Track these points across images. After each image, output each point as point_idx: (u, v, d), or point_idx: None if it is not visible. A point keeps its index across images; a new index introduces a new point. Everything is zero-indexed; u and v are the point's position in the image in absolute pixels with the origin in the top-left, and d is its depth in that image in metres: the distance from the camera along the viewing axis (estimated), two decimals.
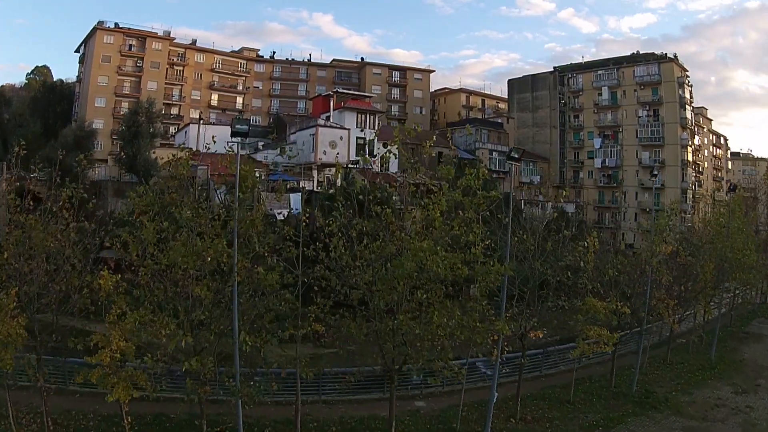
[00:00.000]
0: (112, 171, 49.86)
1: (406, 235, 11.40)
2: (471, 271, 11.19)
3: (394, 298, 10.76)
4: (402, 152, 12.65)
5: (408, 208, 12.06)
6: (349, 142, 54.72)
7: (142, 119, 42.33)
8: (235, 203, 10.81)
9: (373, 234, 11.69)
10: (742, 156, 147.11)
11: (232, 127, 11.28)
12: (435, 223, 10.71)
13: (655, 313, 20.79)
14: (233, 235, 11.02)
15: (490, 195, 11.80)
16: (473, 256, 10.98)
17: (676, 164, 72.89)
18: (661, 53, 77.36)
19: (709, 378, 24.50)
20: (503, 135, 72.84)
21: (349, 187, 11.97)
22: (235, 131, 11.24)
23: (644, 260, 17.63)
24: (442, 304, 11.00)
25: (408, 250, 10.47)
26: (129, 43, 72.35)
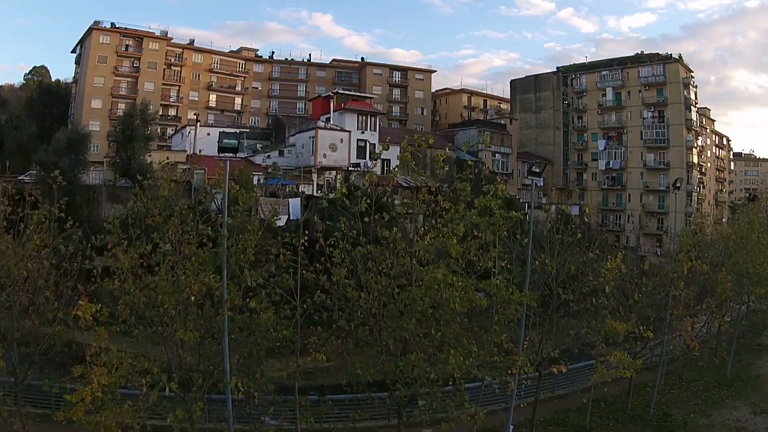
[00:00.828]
0: (107, 174, 48.67)
1: (417, 261, 10.21)
2: (490, 302, 10.05)
3: (404, 336, 9.62)
4: (412, 167, 11.46)
5: (418, 229, 10.83)
6: (350, 144, 53.56)
7: (136, 122, 41.11)
8: (224, 230, 9.54)
9: (379, 260, 10.51)
10: (744, 157, 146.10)
11: (219, 142, 9.91)
12: (451, 251, 9.55)
13: (676, 333, 19.65)
14: (222, 265, 9.73)
15: (510, 215, 10.64)
16: (494, 287, 9.82)
17: (682, 166, 71.69)
18: (666, 53, 76.23)
19: (726, 397, 23.46)
20: (506, 137, 71.69)
21: (353, 208, 10.68)
22: (223, 146, 9.92)
23: (669, 281, 16.47)
24: (458, 341, 9.86)
25: (420, 281, 9.33)
26: (125, 43, 71.11)
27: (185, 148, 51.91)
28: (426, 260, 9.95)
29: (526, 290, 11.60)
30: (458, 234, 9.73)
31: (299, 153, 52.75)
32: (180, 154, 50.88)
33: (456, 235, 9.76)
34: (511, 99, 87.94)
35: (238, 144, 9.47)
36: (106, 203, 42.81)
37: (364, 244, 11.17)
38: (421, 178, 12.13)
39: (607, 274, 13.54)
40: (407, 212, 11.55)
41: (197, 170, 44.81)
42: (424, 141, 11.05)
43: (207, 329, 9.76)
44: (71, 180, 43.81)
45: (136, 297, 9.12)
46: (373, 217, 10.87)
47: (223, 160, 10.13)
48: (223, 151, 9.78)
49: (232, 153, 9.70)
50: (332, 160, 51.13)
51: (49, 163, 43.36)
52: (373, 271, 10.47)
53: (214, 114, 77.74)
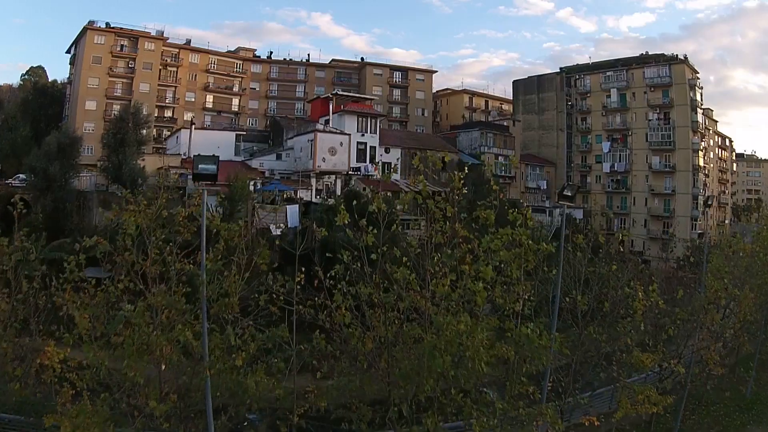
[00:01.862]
0: (100, 178, 47.12)
1: (434, 305, 8.72)
2: (518, 351, 8.61)
3: (420, 399, 8.19)
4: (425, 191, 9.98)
5: (435, 264, 9.25)
6: (350, 147, 52.05)
7: (128, 125, 39.57)
8: (202, 275, 8.04)
9: (388, 305, 9.01)
10: (747, 158, 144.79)
11: (194, 167, 8.19)
12: (477, 299, 8.11)
13: (701, 359, 18.22)
14: (202, 318, 8.18)
15: (540, 247, 9.19)
16: (523, 338, 8.37)
17: (688, 169, 70.30)
18: (672, 54, 74.85)
19: (747, 422, 22.32)
20: (509, 139, 70.22)
21: (357, 241, 9.19)
22: (199, 173, 8.19)
23: (703, 309, 15.02)
24: (481, 399, 8.41)
25: (437, 330, 7.88)
26: (120, 43, 69.52)
27: (180, 152, 50.37)
28: (445, 306, 8.49)
29: (553, 333, 10.16)
30: (485, 278, 8.27)
31: (297, 157, 51.21)
32: (175, 158, 49.44)
33: (482, 279, 8.30)
34: (514, 100, 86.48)
35: (216, 169, 7.93)
36: (97, 209, 41.30)
37: (370, 279, 9.67)
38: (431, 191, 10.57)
39: (637, 307, 12.13)
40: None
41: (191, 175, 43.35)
42: (439, 159, 9.55)
43: (185, 392, 8.24)
44: (62, 185, 42.45)
45: (98, 360, 7.57)
46: (381, 249, 9.38)
47: (202, 188, 8.53)
48: (199, 178, 8.15)
49: (209, 180, 8.09)
50: (331, 164, 49.60)
51: (39, 168, 41.96)
52: (380, 312, 9.01)
53: (211, 115, 76.21)
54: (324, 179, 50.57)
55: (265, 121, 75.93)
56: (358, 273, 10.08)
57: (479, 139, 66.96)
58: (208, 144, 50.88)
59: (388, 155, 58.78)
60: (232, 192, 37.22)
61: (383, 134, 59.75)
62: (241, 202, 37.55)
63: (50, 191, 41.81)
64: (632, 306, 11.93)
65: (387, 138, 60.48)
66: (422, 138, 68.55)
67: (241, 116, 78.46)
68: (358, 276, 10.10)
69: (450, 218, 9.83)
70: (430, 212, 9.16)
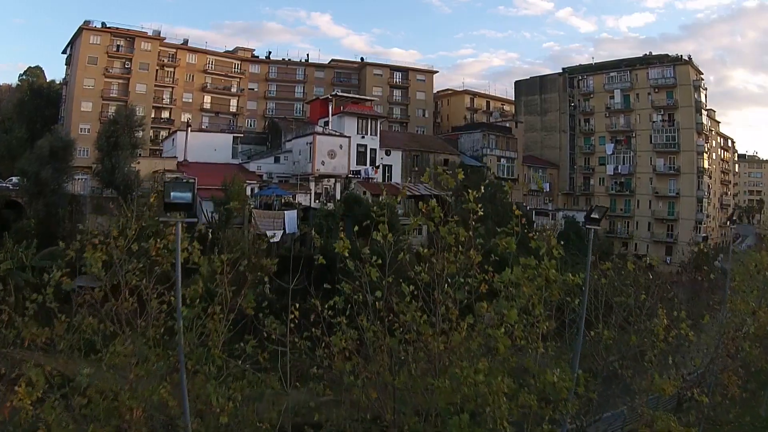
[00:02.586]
0: (94, 182, 46.02)
1: (448, 350, 7.61)
2: (542, 405, 7.54)
3: None
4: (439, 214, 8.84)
5: (447, 298, 8.12)
6: (350, 150, 50.95)
7: (122, 128, 38.47)
8: (178, 322, 6.91)
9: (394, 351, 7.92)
10: (748, 158, 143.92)
11: (166, 195, 6.80)
12: (499, 347, 7.04)
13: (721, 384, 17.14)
14: (180, 376, 6.97)
15: (566, 279, 8.08)
16: (549, 386, 7.30)
17: (692, 172, 69.25)
18: (676, 55, 73.74)
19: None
20: (512, 140, 69.11)
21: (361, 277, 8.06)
22: (171, 203, 6.82)
23: (731, 338, 13.98)
24: None
25: (455, 384, 6.81)
26: (117, 43, 68.43)
27: (176, 155, 49.29)
28: (461, 354, 7.39)
29: (576, 372, 9.09)
30: (510, 322, 7.20)
31: (296, 160, 50.10)
32: (171, 161, 48.37)
33: (507, 324, 7.22)
34: (516, 101, 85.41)
35: (193, 197, 6.66)
36: (90, 215, 40.23)
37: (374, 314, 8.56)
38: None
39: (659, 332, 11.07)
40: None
41: (187, 179, 42.21)
42: (452, 177, 8.38)
43: None
44: (55, 190, 41.36)
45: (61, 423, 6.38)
46: (388, 280, 8.29)
47: (187, 219, 7.29)
48: (171, 208, 6.84)
49: (184, 209, 6.88)
50: (331, 167, 48.50)
51: (31, 172, 40.90)
52: (385, 357, 7.92)
53: (208, 116, 75.12)
54: (323, 182, 49.48)
55: (264, 122, 74.86)
56: (360, 305, 8.97)
57: (481, 141, 65.87)
58: (204, 147, 49.90)
59: (388, 158, 57.76)
60: (229, 197, 36.16)
61: (383, 136, 58.69)
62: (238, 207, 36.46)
63: (42, 196, 40.78)
64: (657, 337, 10.86)
65: (387, 140, 59.41)
66: (423, 140, 67.47)
67: (239, 117, 77.37)
68: (361, 308, 9.00)
69: (464, 242, 8.66)
70: (442, 239, 8.04)
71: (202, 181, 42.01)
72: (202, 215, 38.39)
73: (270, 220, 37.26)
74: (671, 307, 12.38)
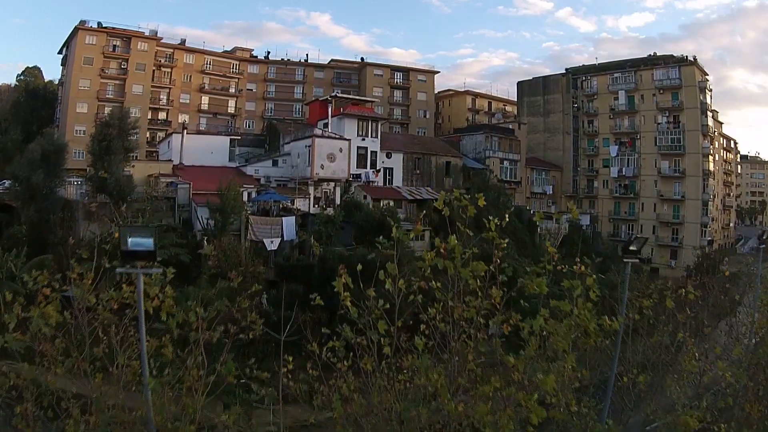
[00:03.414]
0: (88, 187, 44.89)
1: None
2: None
3: None
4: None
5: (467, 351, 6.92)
6: (350, 153, 49.77)
7: (114, 132, 37.37)
8: (145, 392, 5.77)
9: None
10: (750, 159, 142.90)
11: (122, 242, 5.33)
12: (532, 418, 5.92)
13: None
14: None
15: (602, 323, 6.93)
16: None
17: (698, 174, 68.13)
18: (681, 55, 72.61)
19: None
20: (515, 142, 67.94)
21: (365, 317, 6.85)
22: (129, 252, 5.31)
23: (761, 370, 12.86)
24: None
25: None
26: (113, 43, 67.28)
27: (172, 158, 48.15)
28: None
29: (605, 419, 7.99)
30: (547, 389, 6.06)
31: (294, 163, 48.92)
32: (166, 165, 47.25)
33: (544, 390, 6.08)
34: (518, 102, 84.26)
35: (155, 242, 5.43)
36: (83, 221, 39.10)
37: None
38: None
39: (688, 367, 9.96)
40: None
41: (182, 184, 41.10)
42: (471, 204, 7.10)
43: None
44: (47, 195, 40.25)
45: None
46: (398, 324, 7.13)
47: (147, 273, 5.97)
48: (130, 258, 5.45)
49: (147, 259, 5.61)
50: (330, 171, 47.32)
51: (23, 176, 39.82)
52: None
53: (206, 117, 74.02)
54: (322, 186, 48.32)
55: (263, 123, 73.67)
56: (364, 348, 7.79)
57: (484, 143, 64.70)
58: (200, 149, 48.76)
59: (389, 160, 56.65)
60: (224, 203, 35.06)
61: (384, 138, 57.54)
62: (234, 214, 35.38)
63: (34, 201, 39.69)
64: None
65: (388, 142, 58.27)
66: (425, 142, 66.28)
67: (237, 118, 76.25)
68: (364, 350, 7.82)
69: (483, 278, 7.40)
70: (462, 281, 6.84)
71: (198, 186, 41.01)
72: (197, 222, 37.32)
73: (267, 227, 36.13)
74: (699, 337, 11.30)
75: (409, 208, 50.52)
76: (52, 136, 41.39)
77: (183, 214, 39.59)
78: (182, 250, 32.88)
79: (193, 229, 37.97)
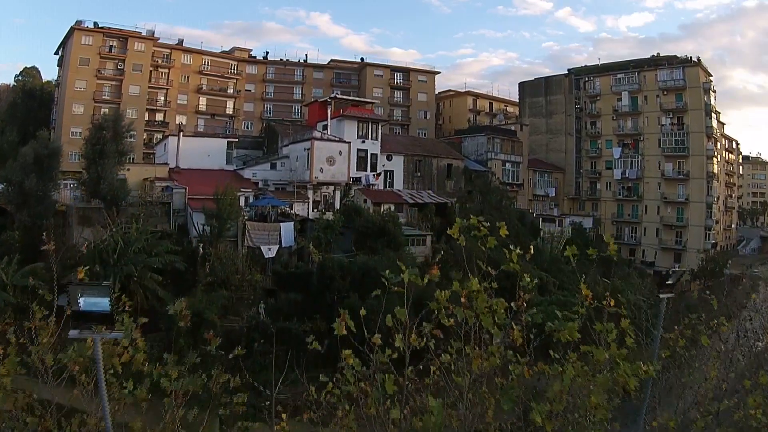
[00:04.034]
0: (81, 191, 43.91)
1: None
2: None
3: None
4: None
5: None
6: (350, 156, 48.83)
7: (108, 135, 36.44)
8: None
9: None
10: (752, 160, 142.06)
11: (71, 302, 4.20)
12: None
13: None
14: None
15: (636, 369, 6.02)
16: None
17: (702, 177, 67.26)
18: (685, 56, 71.71)
19: None
20: (517, 144, 67.02)
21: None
22: (81, 314, 4.23)
23: None
24: None
25: None
26: (109, 43, 66.30)
27: (168, 160, 47.19)
28: None
29: None
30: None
31: (293, 167, 47.93)
32: (162, 168, 46.31)
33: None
34: (520, 102, 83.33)
35: (111, 303, 4.44)
36: (76, 227, 38.18)
37: None
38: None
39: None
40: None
41: (177, 189, 40.15)
42: (486, 230, 6.09)
43: None
44: (40, 199, 39.34)
45: None
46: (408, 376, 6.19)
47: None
48: (83, 321, 4.37)
49: (103, 322, 4.59)
50: (330, 174, 46.39)
51: (15, 180, 38.92)
52: None
53: (204, 119, 73.05)
54: (321, 190, 47.39)
55: (261, 124, 72.70)
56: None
57: (486, 145, 63.77)
58: (197, 152, 47.77)
59: (390, 163, 55.74)
60: (221, 208, 34.11)
61: (384, 140, 56.60)
62: (231, 220, 34.43)
63: (27, 206, 38.79)
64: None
65: (389, 144, 57.32)
66: (426, 144, 65.34)
67: (235, 120, 75.28)
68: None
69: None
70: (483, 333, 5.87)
71: (195, 190, 40.05)
72: (193, 228, 36.40)
73: (265, 233, 35.21)
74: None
75: (410, 212, 49.59)
76: (46, 139, 40.36)
77: (179, 220, 38.66)
78: (177, 258, 31.99)
79: (188, 235, 37.01)
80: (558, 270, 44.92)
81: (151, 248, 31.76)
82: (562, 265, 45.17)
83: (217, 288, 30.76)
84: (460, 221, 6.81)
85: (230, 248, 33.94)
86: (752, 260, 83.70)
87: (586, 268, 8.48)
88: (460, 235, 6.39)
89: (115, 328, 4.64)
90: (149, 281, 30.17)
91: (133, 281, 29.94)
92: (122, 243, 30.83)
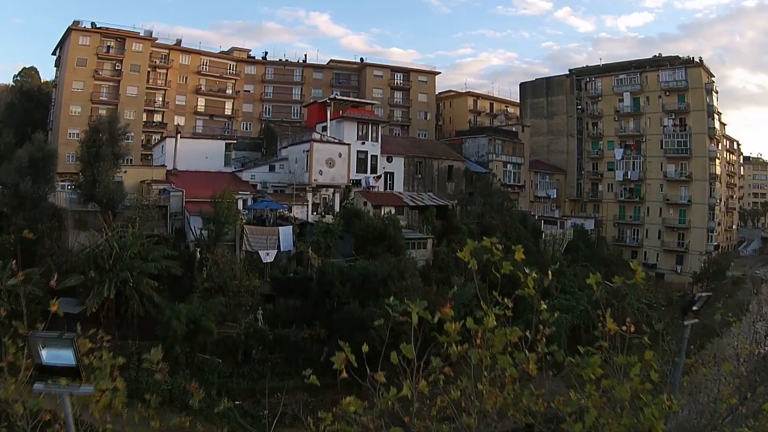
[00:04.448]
0: (77, 194, 43.28)
1: None
2: None
3: None
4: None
5: None
6: (350, 158, 48.21)
7: (103, 138, 35.86)
8: None
9: None
10: (753, 160, 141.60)
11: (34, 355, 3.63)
12: None
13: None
14: None
15: (661, 403, 5.47)
16: None
17: (704, 178, 66.71)
18: (687, 57, 71.15)
19: None
20: (518, 145, 66.44)
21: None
22: (45, 366, 3.69)
23: None
24: None
25: None
26: (107, 44, 65.64)
27: (165, 162, 46.59)
28: None
29: None
30: None
31: (292, 169, 47.33)
32: (159, 170, 45.73)
33: None
34: (521, 103, 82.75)
35: (76, 355, 3.87)
36: (72, 231, 37.59)
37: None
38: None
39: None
40: None
41: (174, 192, 39.57)
42: (499, 252, 5.48)
43: None
44: (36, 202, 38.79)
45: None
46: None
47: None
48: (46, 374, 3.79)
49: (68, 375, 4.00)
50: (329, 177, 45.79)
51: (10, 183, 38.37)
52: None
53: (203, 119, 72.44)
54: (321, 193, 46.79)
55: (260, 125, 72.08)
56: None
57: (487, 146, 63.19)
58: (195, 154, 47.19)
59: (390, 164, 55.16)
60: (218, 212, 33.50)
61: (384, 141, 56.01)
62: (229, 224, 33.83)
63: (23, 209, 38.24)
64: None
65: (389, 145, 56.74)
66: (426, 145, 64.74)
67: (234, 120, 74.65)
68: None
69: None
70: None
71: (192, 193, 39.43)
72: (190, 232, 35.79)
73: (263, 237, 34.61)
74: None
75: (411, 215, 49.00)
76: (41, 142, 39.80)
77: (176, 223, 38.05)
78: (174, 263, 31.45)
79: (185, 240, 36.40)
80: (559, 273, 44.42)
81: (148, 253, 31.23)
82: (563, 267, 44.71)
83: (215, 294, 30.21)
84: (472, 244, 6.16)
85: (228, 253, 33.35)
86: (753, 261, 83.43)
87: (587, 269, 7.69)
88: (471, 258, 5.80)
89: (85, 382, 4.05)
90: (145, 287, 29.63)
91: (128, 287, 29.41)
92: (118, 248, 30.31)
